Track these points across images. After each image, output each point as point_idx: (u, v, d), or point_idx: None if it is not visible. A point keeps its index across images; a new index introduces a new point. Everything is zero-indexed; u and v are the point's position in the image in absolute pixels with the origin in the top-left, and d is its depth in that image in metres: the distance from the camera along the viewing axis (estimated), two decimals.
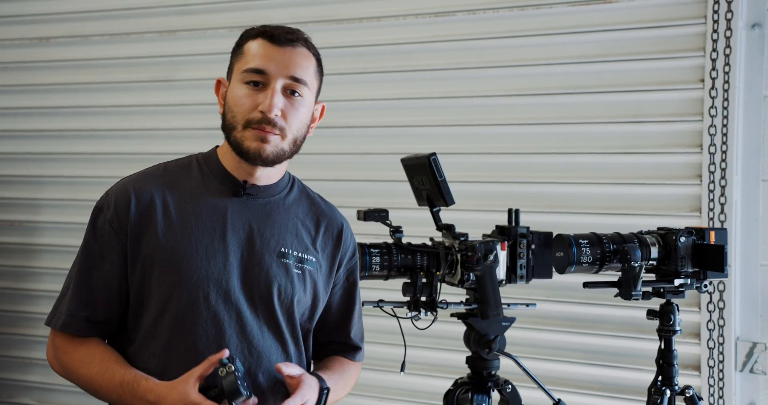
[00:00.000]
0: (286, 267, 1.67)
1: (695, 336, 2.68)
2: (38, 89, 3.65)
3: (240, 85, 1.63)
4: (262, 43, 1.64)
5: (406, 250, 1.92)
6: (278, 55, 1.63)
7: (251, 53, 1.64)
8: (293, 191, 1.77)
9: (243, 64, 1.64)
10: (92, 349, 1.62)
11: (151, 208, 1.63)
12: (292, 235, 1.71)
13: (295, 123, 1.64)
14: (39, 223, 3.63)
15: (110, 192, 1.68)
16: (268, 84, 1.62)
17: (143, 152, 3.41)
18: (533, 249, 1.96)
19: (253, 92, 1.62)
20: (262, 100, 1.60)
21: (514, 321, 1.96)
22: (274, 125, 1.60)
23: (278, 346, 1.67)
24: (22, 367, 3.64)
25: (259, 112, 1.60)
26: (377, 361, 2.92)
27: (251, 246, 1.65)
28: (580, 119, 2.83)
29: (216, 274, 1.61)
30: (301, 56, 1.65)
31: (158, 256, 1.61)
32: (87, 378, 1.59)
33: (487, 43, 2.95)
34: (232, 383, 1.46)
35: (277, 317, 1.66)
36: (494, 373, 1.99)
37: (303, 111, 1.65)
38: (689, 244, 2.00)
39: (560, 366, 2.85)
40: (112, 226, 1.62)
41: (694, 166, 2.69)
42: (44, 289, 3.58)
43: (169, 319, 1.59)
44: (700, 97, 2.67)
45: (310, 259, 1.71)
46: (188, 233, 1.63)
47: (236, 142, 1.63)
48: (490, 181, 2.96)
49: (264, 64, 1.62)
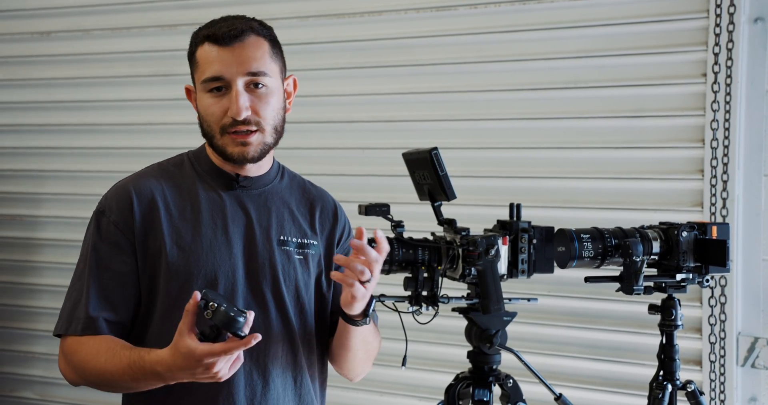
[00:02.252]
0: (288, 254, 1.69)
1: (697, 331, 2.68)
2: (39, 84, 3.64)
3: (204, 95, 1.65)
4: (209, 48, 1.64)
5: (407, 244, 1.92)
6: (228, 56, 1.62)
7: (204, 61, 1.64)
8: (284, 179, 1.78)
9: (200, 74, 1.65)
10: (98, 341, 1.60)
11: (154, 206, 1.64)
12: (290, 222, 1.72)
13: (269, 113, 1.64)
14: (40, 218, 3.63)
15: (109, 195, 1.68)
16: (229, 86, 1.62)
17: (144, 147, 3.40)
18: (535, 244, 1.95)
19: (218, 98, 1.63)
20: (229, 105, 1.60)
21: (515, 316, 1.95)
22: (249, 123, 1.61)
23: (286, 334, 1.67)
24: (24, 362, 3.64)
25: (229, 118, 1.61)
26: (378, 356, 2.90)
27: (252, 236, 1.66)
28: (581, 114, 2.82)
29: (223, 267, 1.62)
30: (252, 47, 1.63)
31: (164, 254, 1.61)
32: (98, 369, 1.57)
33: (488, 38, 2.94)
34: (223, 317, 1.39)
35: (284, 304, 1.67)
36: (495, 368, 1.98)
37: (272, 100, 1.65)
38: (691, 238, 1.99)
39: (562, 360, 2.85)
40: (118, 227, 1.62)
41: (696, 161, 2.68)
42: (45, 283, 3.59)
43: (180, 315, 1.59)
44: (702, 91, 2.66)
45: (311, 242, 1.72)
46: (191, 229, 1.63)
47: (219, 149, 1.66)
48: (492, 175, 2.95)
49: (218, 69, 1.61)
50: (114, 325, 1.62)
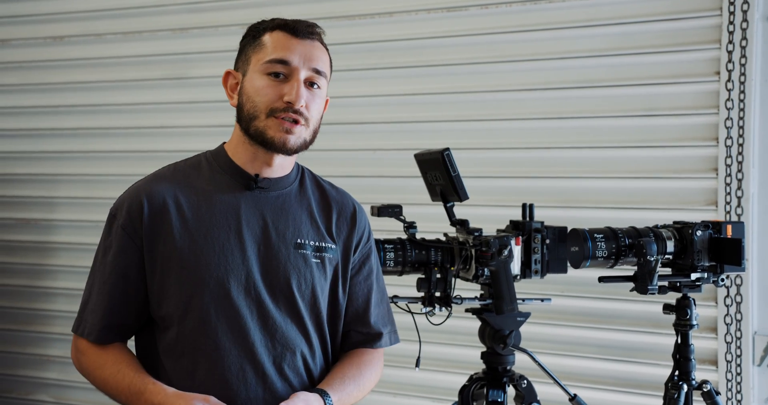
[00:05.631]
0: (305, 257, 1.68)
1: (712, 330, 2.67)
2: (52, 88, 3.67)
3: (260, 76, 1.64)
4: (282, 35, 1.66)
5: (420, 245, 1.92)
6: (300, 47, 1.65)
7: (272, 45, 1.65)
8: (305, 181, 1.78)
9: (263, 56, 1.64)
10: (108, 352, 1.64)
11: (165, 210, 1.64)
12: (307, 225, 1.71)
13: (315, 114, 1.67)
14: (54, 221, 3.66)
15: (122, 198, 1.69)
16: (290, 75, 1.63)
17: (157, 150, 3.42)
18: (548, 244, 1.95)
19: (276, 83, 1.63)
20: (288, 91, 1.62)
21: (529, 316, 1.95)
22: (300, 114, 1.62)
23: (302, 337, 1.67)
24: (39, 365, 3.67)
25: (284, 102, 1.61)
26: (392, 357, 2.92)
27: (267, 239, 1.66)
28: (594, 113, 2.82)
29: (235, 270, 1.62)
30: (320, 50, 1.68)
31: (176, 258, 1.61)
32: (101, 380, 1.63)
33: (499, 38, 2.94)
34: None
35: (299, 309, 1.66)
36: (509, 369, 1.98)
37: (320, 102, 1.68)
38: (706, 237, 1.99)
39: (576, 361, 2.84)
40: (126, 231, 1.63)
41: (710, 160, 2.67)
42: (60, 286, 3.61)
43: (193, 318, 1.60)
44: (716, 89, 2.65)
45: (328, 246, 1.72)
46: (204, 232, 1.63)
47: (258, 132, 1.64)
48: (504, 176, 2.95)
49: (287, 55, 1.63)
50: (116, 329, 1.66)
